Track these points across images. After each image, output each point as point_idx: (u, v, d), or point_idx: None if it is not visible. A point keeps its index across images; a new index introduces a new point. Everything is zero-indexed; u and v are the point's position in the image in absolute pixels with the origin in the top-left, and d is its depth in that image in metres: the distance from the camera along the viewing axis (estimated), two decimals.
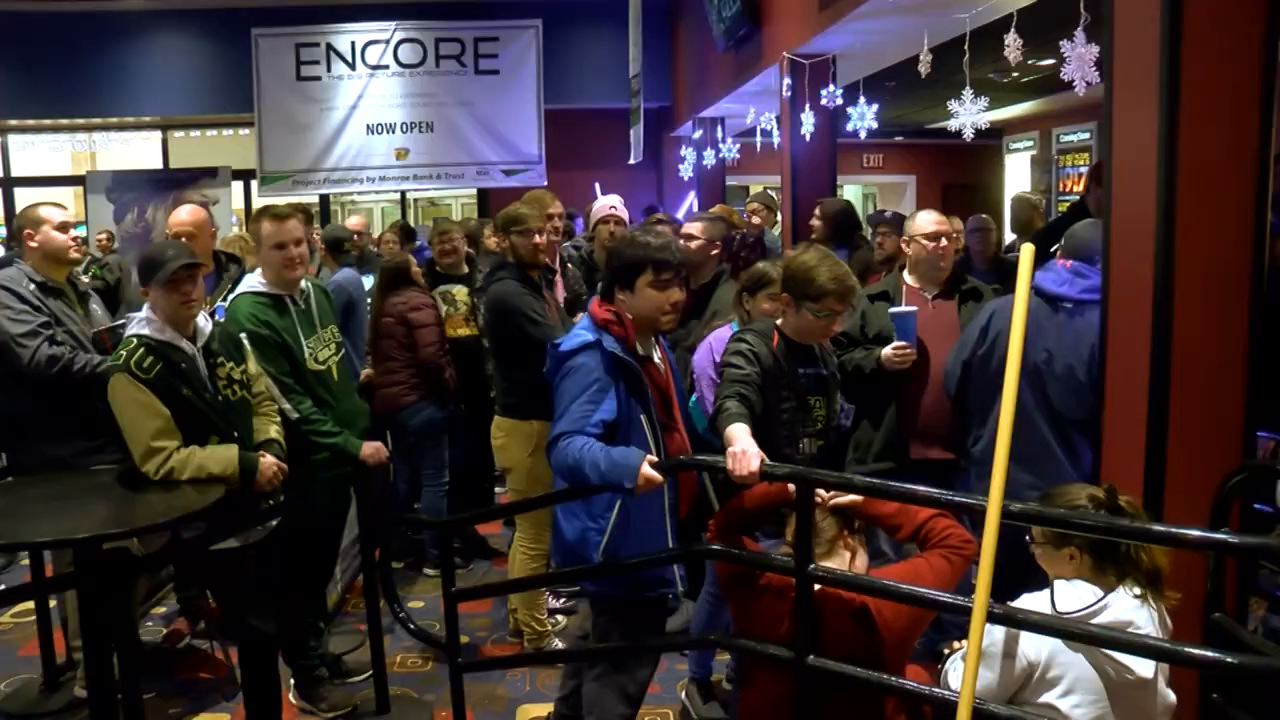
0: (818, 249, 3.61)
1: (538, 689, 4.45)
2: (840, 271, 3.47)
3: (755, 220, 7.85)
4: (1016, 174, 15.33)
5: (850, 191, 17.12)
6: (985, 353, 3.94)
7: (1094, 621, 2.46)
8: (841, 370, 4.16)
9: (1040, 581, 2.65)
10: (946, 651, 2.92)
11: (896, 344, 4.13)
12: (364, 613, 4.29)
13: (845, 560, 2.89)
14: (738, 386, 3.25)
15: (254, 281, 4.03)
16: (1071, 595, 2.53)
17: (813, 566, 2.73)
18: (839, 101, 7.51)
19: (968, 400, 4.07)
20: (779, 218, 8.09)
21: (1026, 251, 2.53)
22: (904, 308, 4.23)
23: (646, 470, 2.86)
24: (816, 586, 2.75)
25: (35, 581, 4.57)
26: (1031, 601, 2.57)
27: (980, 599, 2.32)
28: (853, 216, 6.83)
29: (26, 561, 5.50)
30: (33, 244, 4.19)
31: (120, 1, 12.99)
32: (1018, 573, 2.93)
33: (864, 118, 7.40)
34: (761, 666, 2.98)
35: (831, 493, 2.92)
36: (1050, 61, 9.61)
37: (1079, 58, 3.92)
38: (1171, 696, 2.55)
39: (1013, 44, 4.87)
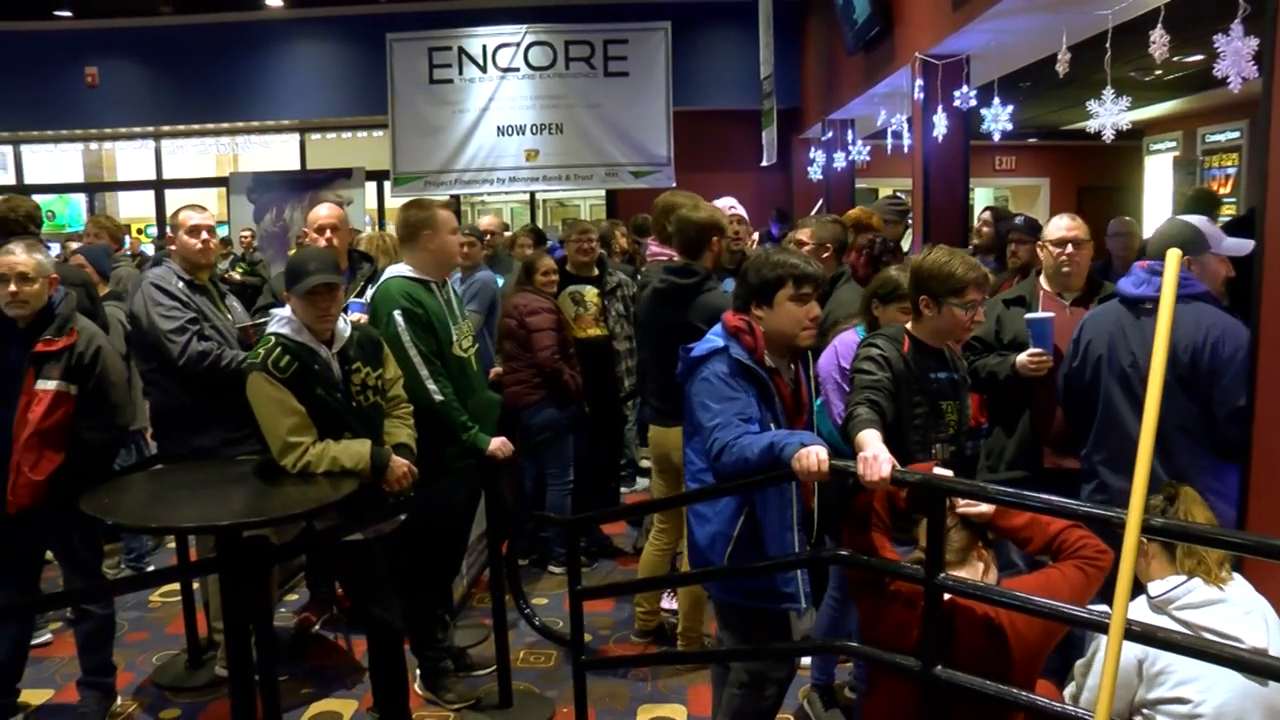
0: (941, 246, 3.55)
1: (659, 689, 4.46)
2: (972, 260, 3.46)
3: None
4: (1157, 176, 14.82)
5: (982, 194, 16.77)
6: (1078, 363, 3.87)
7: (1186, 599, 2.69)
8: (975, 376, 4.07)
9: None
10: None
11: (1033, 350, 4.02)
12: (489, 607, 4.36)
13: (978, 571, 2.82)
14: (868, 392, 3.20)
15: (402, 269, 4.15)
16: (1161, 584, 2.72)
17: (943, 575, 2.68)
18: (972, 103, 7.36)
19: (1074, 411, 3.98)
20: (909, 222, 7.95)
21: (1173, 256, 2.44)
22: (1041, 314, 4.12)
23: (813, 447, 2.85)
24: (946, 596, 2.70)
25: (180, 564, 4.80)
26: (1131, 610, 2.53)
27: (1118, 615, 2.25)
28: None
29: (172, 545, 5.75)
30: (172, 246, 4.46)
31: (262, 11, 13.52)
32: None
33: (998, 119, 7.23)
34: (887, 675, 2.93)
35: (963, 501, 2.86)
36: (1199, 57, 9.27)
37: (1235, 52, 3.76)
38: None
39: (1158, 40, 4.69)
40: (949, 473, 2.87)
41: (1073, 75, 5.78)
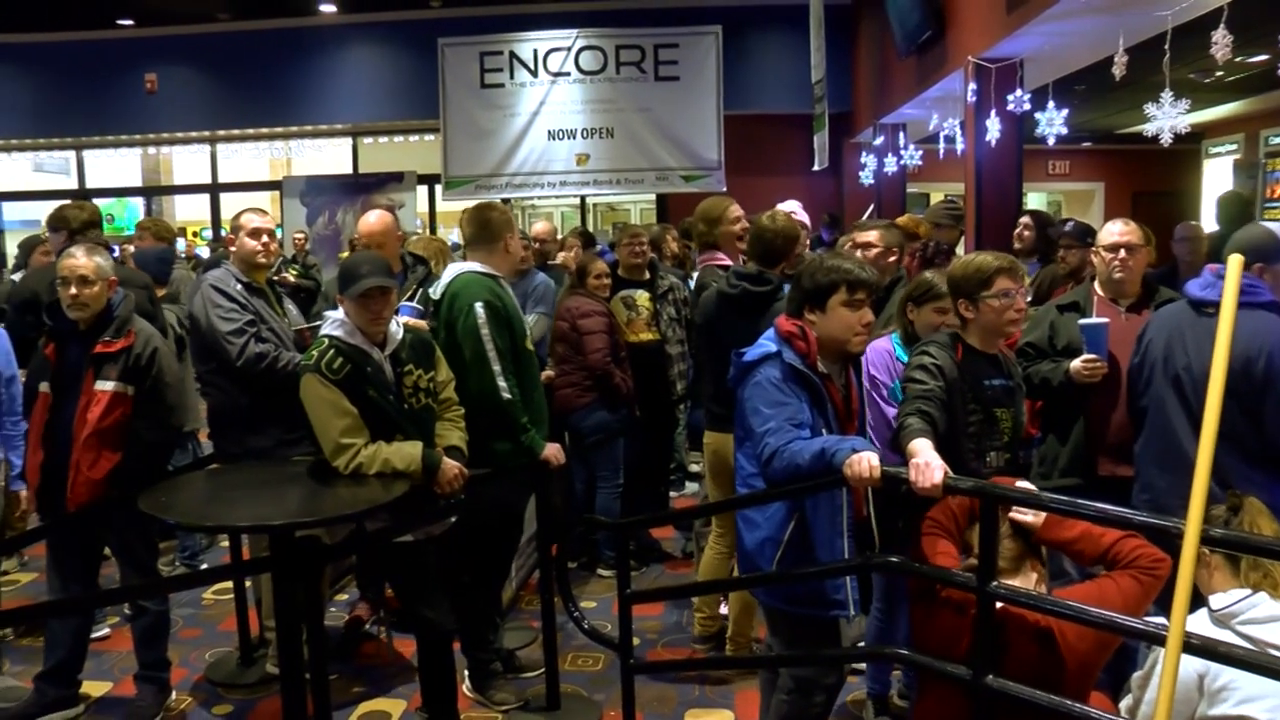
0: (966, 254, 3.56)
1: (707, 694, 4.45)
2: (995, 252, 3.47)
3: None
4: (1216, 180, 14.57)
5: (1035, 199, 16.60)
6: (1139, 361, 3.85)
7: (1250, 614, 2.58)
8: (1028, 382, 4.02)
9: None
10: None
11: (1086, 357, 3.96)
12: (538, 609, 4.36)
13: (1030, 580, 2.79)
14: (919, 402, 3.17)
15: (475, 266, 4.22)
16: (1223, 597, 2.64)
17: (995, 584, 2.65)
18: (1026, 106, 7.29)
19: (1136, 411, 3.94)
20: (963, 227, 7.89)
21: (1235, 263, 2.41)
22: (1095, 319, 4.06)
23: (865, 454, 2.84)
24: (998, 605, 2.67)
25: (234, 563, 4.86)
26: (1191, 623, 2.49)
27: (1176, 627, 2.21)
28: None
29: (225, 543, 5.83)
30: (233, 248, 4.51)
31: (315, 17, 13.70)
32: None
33: (1052, 123, 7.16)
34: (937, 683, 2.91)
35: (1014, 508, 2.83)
36: (1263, 57, 9.12)
37: None
38: None
39: (1221, 40, 4.61)
40: (1029, 486, 2.84)
41: (1129, 78, 5.71)
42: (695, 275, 5.79)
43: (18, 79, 14.26)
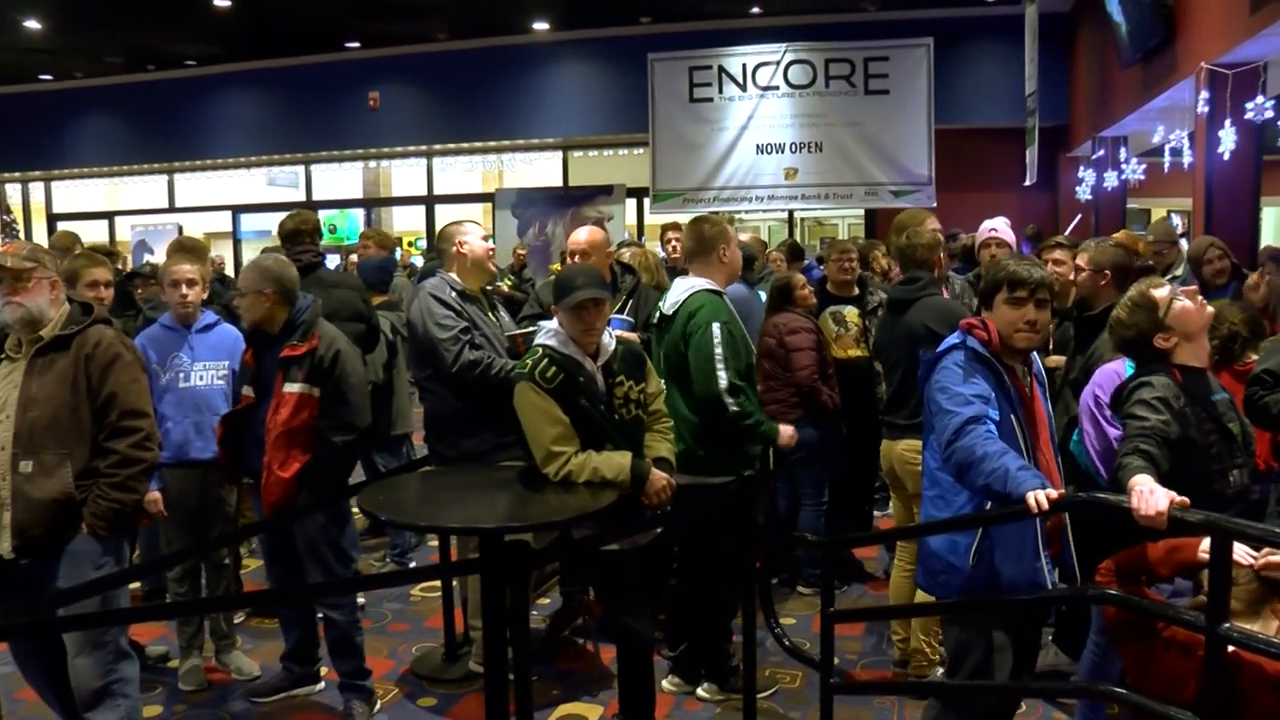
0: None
1: (905, 717, 4.35)
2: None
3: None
4: None
5: (1271, 215, 15.56)
6: None
7: None
8: (1266, 412, 3.77)
9: None
10: None
11: None
12: (737, 624, 4.35)
13: (1271, 628, 2.59)
14: (1139, 440, 3.08)
15: (704, 283, 4.29)
16: None
17: (1227, 626, 2.48)
18: (1267, 114, 6.85)
19: None
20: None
21: None
22: None
23: (1040, 494, 2.78)
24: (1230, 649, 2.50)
25: (443, 563, 5.03)
26: None
27: None
28: None
29: (433, 542, 6.04)
30: (462, 250, 4.62)
31: (529, 35, 14.10)
32: None
33: None
34: None
35: (1264, 557, 2.64)
36: None
37: None
38: None
39: None
40: None
41: None
42: None
43: (255, 101, 15.39)
